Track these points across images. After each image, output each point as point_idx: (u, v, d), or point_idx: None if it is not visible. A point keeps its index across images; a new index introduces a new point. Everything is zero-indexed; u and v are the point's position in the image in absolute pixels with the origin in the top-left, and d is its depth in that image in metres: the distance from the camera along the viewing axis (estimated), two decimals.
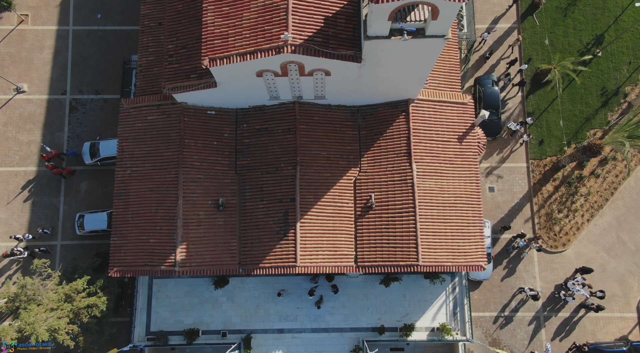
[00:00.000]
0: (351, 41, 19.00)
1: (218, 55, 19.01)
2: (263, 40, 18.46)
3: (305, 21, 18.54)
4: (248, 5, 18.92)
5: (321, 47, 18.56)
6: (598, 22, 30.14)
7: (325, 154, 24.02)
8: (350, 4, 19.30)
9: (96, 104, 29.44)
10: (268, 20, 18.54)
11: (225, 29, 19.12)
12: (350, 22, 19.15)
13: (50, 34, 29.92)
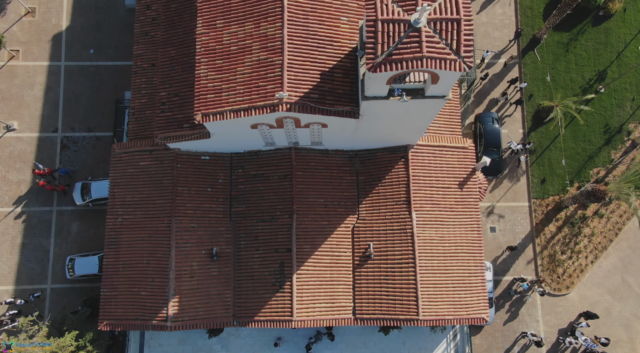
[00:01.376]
0: (348, 96, 18.38)
1: (211, 110, 18.36)
2: (257, 97, 17.83)
3: (301, 77, 17.93)
4: (242, 59, 18.30)
5: (317, 103, 17.93)
6: (600, 58, 29.60)
7: (323, 202, 23.35)
8: (348, 57, 18.70)
9: (88, 141, 28.75)
10: (262, 76, 17.92)
11: (219, 83, 18.49)
12: (347, 76, 18.54)
13: (41, 70, 29.26)
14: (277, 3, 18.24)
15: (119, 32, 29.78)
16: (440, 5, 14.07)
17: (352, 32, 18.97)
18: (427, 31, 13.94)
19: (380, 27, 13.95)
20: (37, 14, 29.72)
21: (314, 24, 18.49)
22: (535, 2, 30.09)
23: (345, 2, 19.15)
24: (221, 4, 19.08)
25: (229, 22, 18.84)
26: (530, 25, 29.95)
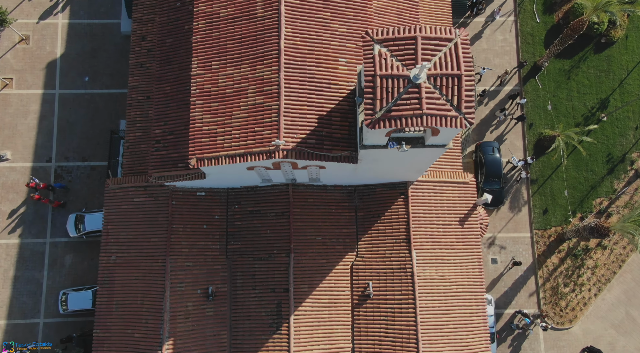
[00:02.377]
0: (347, 141, 17.94)
1: (206, 155, 17.91)
2: (253, 143, 17.39)
3: (298, 122, 17.49)
4: (238, 103, 17.87)
5: (315, 149, 17.48)
6: (602, 85, 29.20)
7: (321, 239, 22.86)
8: (346, 99, 18.28)
9: (82, 171, 28.28)
10: (259, 121, 17.48)
11: (214, 126, 18.06)
12: (345, 120, 18.11)
13: (35, 98, 28.81)
14: (273, 46, 17.83)
15: (114, 60, 29.35)
16: (441, 60, 13.65)
17: (351, 74, 18.56)
18: (427, 87, 13.51)
19: (378, 83, 13.52)
20: (31, 42, 29.30)
21: (312, 66, 18.08)
22: (536, 29, 29.71)
23: (344, 43, 18.75)
24: (217, 44, 18.67)
25: (224, 64, 18.43)
26: (532, 52, 29.56)
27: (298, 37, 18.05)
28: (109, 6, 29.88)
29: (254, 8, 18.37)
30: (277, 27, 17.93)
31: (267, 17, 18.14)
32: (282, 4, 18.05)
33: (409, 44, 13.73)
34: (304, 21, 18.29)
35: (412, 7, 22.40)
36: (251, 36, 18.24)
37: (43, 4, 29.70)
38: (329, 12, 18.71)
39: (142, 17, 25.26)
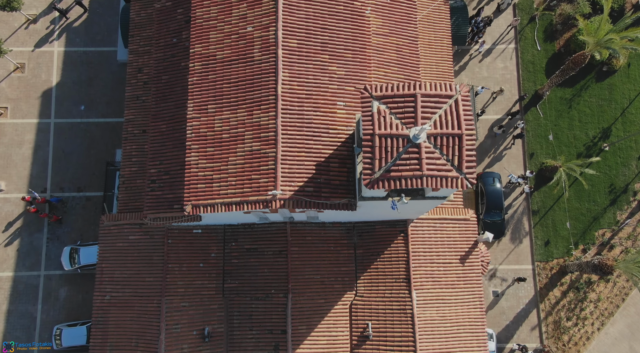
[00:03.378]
0: (345, 187, 17.58)
1: (202, 202, 17.56)
2: (250, 191, 17.03)
3: (296, 170, 17.14)
4: (234, 149, 17.53)
5: (313, 197, 17.11)
6: (604, 114, 28.86)
7: (319, 278, 22.44)
8: (344, 144, 17.92)
9: (78, 202, 27.88)
10: (255, 169, 17.13)
11: (210, 172, 17.70)
12: (344, 166, 17.75)
13: (30, 128, 28.45)
14: (270, 91, 17.50)
15: (110, 88, 29.00)
16: (441, 118, 13.30)
17: (349, 118, 18.23)
18: (427, 146, 13.16)
19: (377, 142, 13.17)
20: (26, 70, 28.96)
21: (309, 111, 17.74)
22: (537, 57, 29.40)
23: (342, 86, 18.42)
24: (213, 87, 18.34)
25: (221, 108, 18.09)
26: (533, 80, 29.24)
27: (296, 82, 17.71)
28: (106, 34, 29.57)
29: (251, 51, 18.04)
30: (274, 71, 17.59)
31: (264, 60, 17.81)
32: (279, 47, 17.73)
33: (409, 101, 13.39)
34: (301, 65, 17.96)
35: (412, 43, 22.07)
36: (248, 80, 17.91)
37: (39, 32, 29.40)
38: (327, 55, 18.39)
39: (139, 48, 24.94)
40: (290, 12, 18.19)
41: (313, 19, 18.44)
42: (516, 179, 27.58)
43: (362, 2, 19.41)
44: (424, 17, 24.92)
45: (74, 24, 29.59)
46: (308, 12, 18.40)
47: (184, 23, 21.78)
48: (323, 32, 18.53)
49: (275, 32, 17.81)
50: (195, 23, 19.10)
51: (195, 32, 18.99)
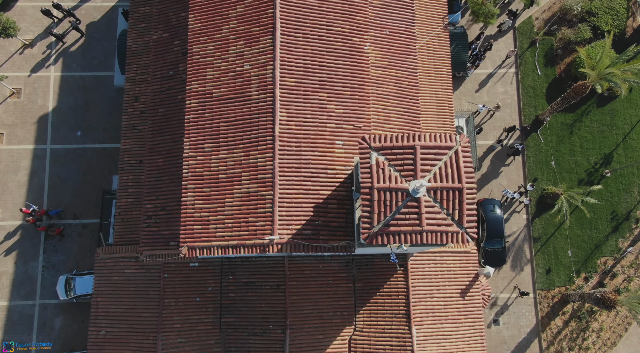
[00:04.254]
0: (343, 229, 17.29)
1: (198, 244, 17.26)
2: (247, 234, 16.73)
3: (293, 212, 16.85)
4: (231, 190, 17.25)
5: (310, 240, 16.83)
6: (606, 140, 28.60)
7: (318, 313, 22.10)
8: (343, 185, 17.64)
9: (74, 229, 27.56)
10: (252, 211, 16.84)
11: (206, 213, 17.41)
12: (342, 207, 17.46)
13: (26, 154, 28.16)
14: (268, 131, 17.24)
15: (107, 113, 28.72)
16: (441, 170, 13.02)
17: (348, 157, 17.95)
18: (426, 200, 12.87)
19: (376, 196, 12.89)
20: (22, 95, 28.70)
21: (307, 151, 17.47)
22: (537, 81, 29.16)
23: (340, 124, 18.16)
24: (209, 126, 18.08)
25: (217, 147, 17.82)
26: (533, 105, 28.99)
27: (293, 122, 17.45)
28: (102, 58, 29.33)
29: (248, 89, 17.79)
30: (271, 111, 17.33)
31: (262, 100, 17.56)
32: (276, 86, 17.48)
33: (408, 153, 13.13)
34: (299, 103, 17.70)
35: (411, 75, 21.82)
36: (245, 119, 17.64)
37: (35, 57, 29.15)
38: (325, 93, 18.14)
39: (135, 77, 24.69)
40: (288, 50, 17.94)
41: (311, 57, 18.20)
42: (512, 195, 27.36)
43: (361, 37, 19.18)
44: (424, 45, 24.69)
45: (70, 48, 29.34)
46: (306, 49, 18.16)
47: (181, 55, 21.56)
48: (321, 69, 18.29)
49: (272, 71, 17.56)
50: (192, 59, 18.86)
51: (192, 69, 18.74)
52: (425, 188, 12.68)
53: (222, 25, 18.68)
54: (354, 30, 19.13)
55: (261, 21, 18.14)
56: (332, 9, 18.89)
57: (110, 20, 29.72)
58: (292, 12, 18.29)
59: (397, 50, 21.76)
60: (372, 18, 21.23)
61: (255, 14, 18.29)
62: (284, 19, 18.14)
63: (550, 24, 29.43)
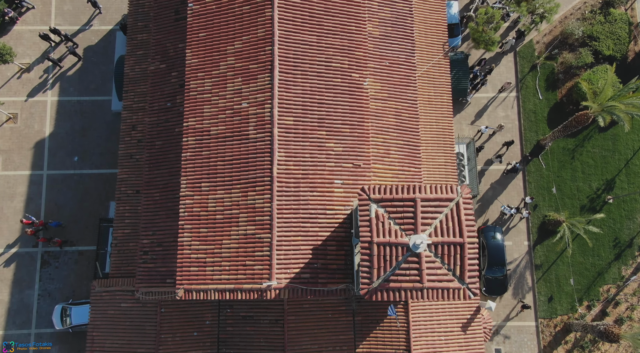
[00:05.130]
0: (342, 272, 16.98)
1: (194, 287, 16.97)
2: (244, 278, 16.43)
3: (292, 255, 16.55)
4: (228, 231, 16.96)
5: (309, 284, 16.52)
6: (608, 166, 28.31)
7: (317, 348, 21.70)
8: (342, 226, 17.34)
9: (70, 257, 27.25)
10: (250, 254, 16.55)
11: (203, 255, 17.11)
12: (341, 248, 17.16)
13: (22, 180, 27.89)
14: (266, 172, 16.97)
15: (104, 138, 28.46)
16: (442, 224, 12.73)
17: (347, 196, 17.66)
18: (427, 255, 12.58)
19: (375, 251, 12.60)
20: (19, 120, 28.45)
21: (306, 191, 17.18)
22: (538, 106, 28.91)
23: (339, 163, 17.88)
24: (207, 164, 17.81)
25: (214, 187, 17.54)
26: (534, 130, 28.73)
27: (292, 161, 17.18)
28: (100, 83, 29.09)
29: (246, 128, 17.53)
30: (269, 151, 17.06)
31: (260, 139, 17.29)
32: (275, 126, 17.22)
33: (408, 206, 12.85)
34: (298, 143, 17.43)
35: (411, 106, 21.56)
36: (242, 158, 17.37)
37: (32, 81, 28.92)
38: (324, 131, 17.87)
39: (133, 105, 24.44)
40: (287, 88, 17.70)
41: (310, 94, 17.95)
42: (509, 211, 27.10)
43: (360, 73, 18.93)
44: (424, 73, 24.47)
45: (68, 72, 29.11)
46: (305, 86, 17.91)
47: (179, 87, 21.30)
48: (320, 107, 18.03)
49: (270, 110, 17.31)
50: (189, 95, 18.61)
51: (189, 105, 18.49)
52: (426, 243, 12.40)
53: (220, 61, 18.44)
54: (354, 66, 18.89)
55: (259, 58, 17.90)
56: (331, 45, 18.66)
57: (108, 43, 29.52)
58: (291, 49, 18.06)
59: (397, 81, 21.51)
60: (371, 50, 21.00)
61: (253, 51, 18.05)
62: (282, 56, 17.90)
63: (552, 48, 29.21)
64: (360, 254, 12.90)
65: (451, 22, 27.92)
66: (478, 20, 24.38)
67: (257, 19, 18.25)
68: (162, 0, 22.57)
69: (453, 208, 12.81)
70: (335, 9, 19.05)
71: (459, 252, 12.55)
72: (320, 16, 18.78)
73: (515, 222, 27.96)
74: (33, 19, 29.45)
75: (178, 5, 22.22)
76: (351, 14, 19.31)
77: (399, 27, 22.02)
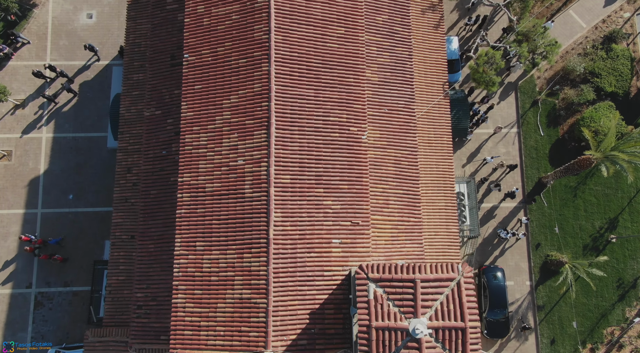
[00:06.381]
0: (341, 336, 16.50)
1: (188, 351, 16.47)
2: (239, 345, 15.95)
3: (288, 321, 16.08)
4: (223, 294, 16.54)
5: (306, 352, 16.03)
6: (611, 204, 27.90)
7: None
8: (340, 287, 16.90)
9: (64, 298, 26.77)
10: (245, 320, 16.12)
11: (197, 318, 16.64)
12: (339, 312, 16.69)
13: (16, 219, 27.46)
14: (262, 233, 16.54)
15: (99, 176, 28.06)
16: (443, 306, 12.31)
17: (345, 256, 17.22)
18: (427, 340, 12.14)
19: (374, 336, 12.17)
20: (13, 158, 28.07)
21: (303, 252, 16.75)
22: (540, 142, 28.54)
23: (337, 221, 17.46)
24: (202, 222, 17.39)
25: (209, 246, 17.11)
26: (536, 167, 28.33)
27: (289, 222, 16.77)
28: (96, 118, 28.73)
29: (242, 186, 17.13)
30: (265, 211, 16.65)
31: (256, 198, 16.89)
32: (271, 185, 16.82)
33: (407, 286, 12.44)
34: (295, 202, 17.03)
35: (411, 154, 21.14)
36: (238, 218, 16.96)
37: (27, 117, 28.57)
38: (322, 188, 17.47)
39: (128, 147, 24.04)
40: (284, 145, 17.32)
41: (307, 150, 17.57)
42: (506, 235, 26.72)
43: (359, 126, 18.55)
44: (423, 114, 24.13)
45: (63, 108, 28.76)
46: (302, 143, 17.53)
47: (174, 135, 20.95)
48: (318, 163, 17.64)
49: (267, 169, 16.91)
50: (184, 150, 18.22)
51: (184, 160, 18.10)
52: (426, 327, 11.98)
53: (216, 115, 18.08)
54: (352, 119, 18.52)
55: (255, 114, 17.53)
56: (329, 99, 18.30)
57: (104, 79, 29.17)
58: (288, 105, 17.71)
59: (396, 128, 21.14)
60: (370, 97, 20.66)
61: (250, 106, 17.69)
62: (279, 111, 17.55)
63: (553, 83, 28.88)
64: (358, 336, 12.48)
65: (451, 58, 27.65)
66: (479, 62, 24.03)
67: (254, 72, 17.90)
68: (157, 45, 22.25)
69: (454, 289, 12.40)
70: (333, 61, 18.72)
71: (460, 337, 12.14)
72: (318, 69, 18.44)
73: (511, 242, 27.45)
74: (28, 54, 29.14)
75: (174, 50, 21.91)
76: (349, 65, 18.98)
77: (399, 73, 21.69)
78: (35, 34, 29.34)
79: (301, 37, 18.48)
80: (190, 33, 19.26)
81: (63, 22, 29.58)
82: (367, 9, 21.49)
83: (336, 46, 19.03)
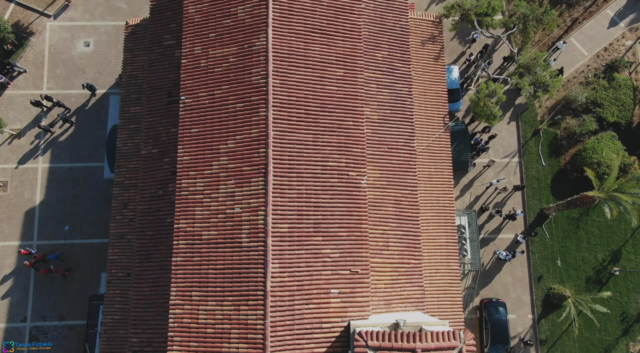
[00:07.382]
0: None
1: None
2: None
3: None
4: (219, 348, 16.12)
5: None
6: (614, 235, 27.55)
7: None
8: (338, 340, 16.51)
9: (59, 331, 26.37)
10: None
11: None
12: None
13: (11, 251, 27.08)
14: (259, 286, 16.16)
15: (96, 206, 27.72)
16: None
17: (344, 306, 16.85)
18: None
19: None
20: (8, 188, 27.74)
21: (301, 304, 16.38)
22: (541, 172, 28.21)
23: (336, 270, 17.10)
24: (198, 271, 17.01)
25: (205, 297, 16.73)
26: (537, 198, 28.00)
27: (286, 273, 16.41)
28: (92, 148, 28.42)
29: (239, 235, 16.78)
30: (263, 262, 16.30)
31: (253, 248, 16.53)
32: (269, 235, 16.47)
33: None
34: (293, 252, 16.67)
35: (411, 193, 20.75)
36: (235, 267, 16.60)
37: (23, 147, 28.26)
38: (320, 237, 17.12)
39: (124, 181, 23.69)
40: (281, 193, 16.99)
41: (305, 198, 17.23)
42: (504, 257, 26.40)
43: (358, 171, 18.23)
44: (423, 149, 23.82)
45: (59, 138, 28.46)
46: (300, 190, 17.21)
47: (171, 174, 20.60)
48: (316, 211, 17.30)
49: (264, 218, 16.57)
50: (180, 195, 17.88)
51: (180, 206, 17.76)
52: None
53: (213, 160, 17.76)
54: (351, 164, 18.20)
55: (253, 160, 17.21)
56: (327, 143, 17.99)
57: (101, 108, 28.90)
58: (286, 150, 17.39)
59: (396, 167, 20.80)
60: (369, 135, 20.36)
61: (247, 152, 17.37)
62: (277, 158, 17.22)
63: (554, 113, 28.59)
64: None
65: (452, 88, 27.39)
66: (479, 95, 23.74)
67: (252, 117, 17.60)
68: (154, 81, 21.96)
69: None
70: (332, 104, 18.43)
71: None
72: (316, 113, 18.14)
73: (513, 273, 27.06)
74: (25, 83, 28.87)
75: (171, 87, 21.61)
76: (348, 108, 18.68)
77: (398, 110, 21.38)
78: (31, 63, 29.09)
79: (299, 81, 18.20)
80: (187, 74, 18.98)
81: (60, 50, 29.34)
82: (366, 46, 21.22)
83: (335, 88, 18.74)
